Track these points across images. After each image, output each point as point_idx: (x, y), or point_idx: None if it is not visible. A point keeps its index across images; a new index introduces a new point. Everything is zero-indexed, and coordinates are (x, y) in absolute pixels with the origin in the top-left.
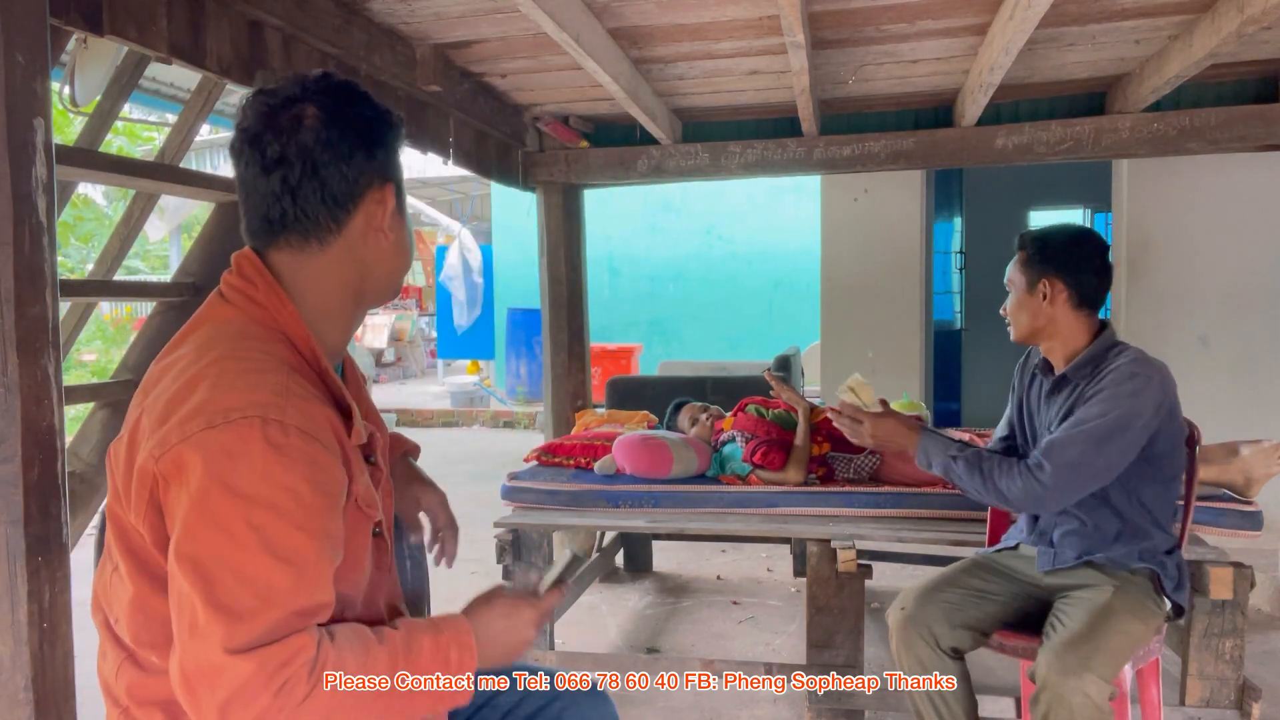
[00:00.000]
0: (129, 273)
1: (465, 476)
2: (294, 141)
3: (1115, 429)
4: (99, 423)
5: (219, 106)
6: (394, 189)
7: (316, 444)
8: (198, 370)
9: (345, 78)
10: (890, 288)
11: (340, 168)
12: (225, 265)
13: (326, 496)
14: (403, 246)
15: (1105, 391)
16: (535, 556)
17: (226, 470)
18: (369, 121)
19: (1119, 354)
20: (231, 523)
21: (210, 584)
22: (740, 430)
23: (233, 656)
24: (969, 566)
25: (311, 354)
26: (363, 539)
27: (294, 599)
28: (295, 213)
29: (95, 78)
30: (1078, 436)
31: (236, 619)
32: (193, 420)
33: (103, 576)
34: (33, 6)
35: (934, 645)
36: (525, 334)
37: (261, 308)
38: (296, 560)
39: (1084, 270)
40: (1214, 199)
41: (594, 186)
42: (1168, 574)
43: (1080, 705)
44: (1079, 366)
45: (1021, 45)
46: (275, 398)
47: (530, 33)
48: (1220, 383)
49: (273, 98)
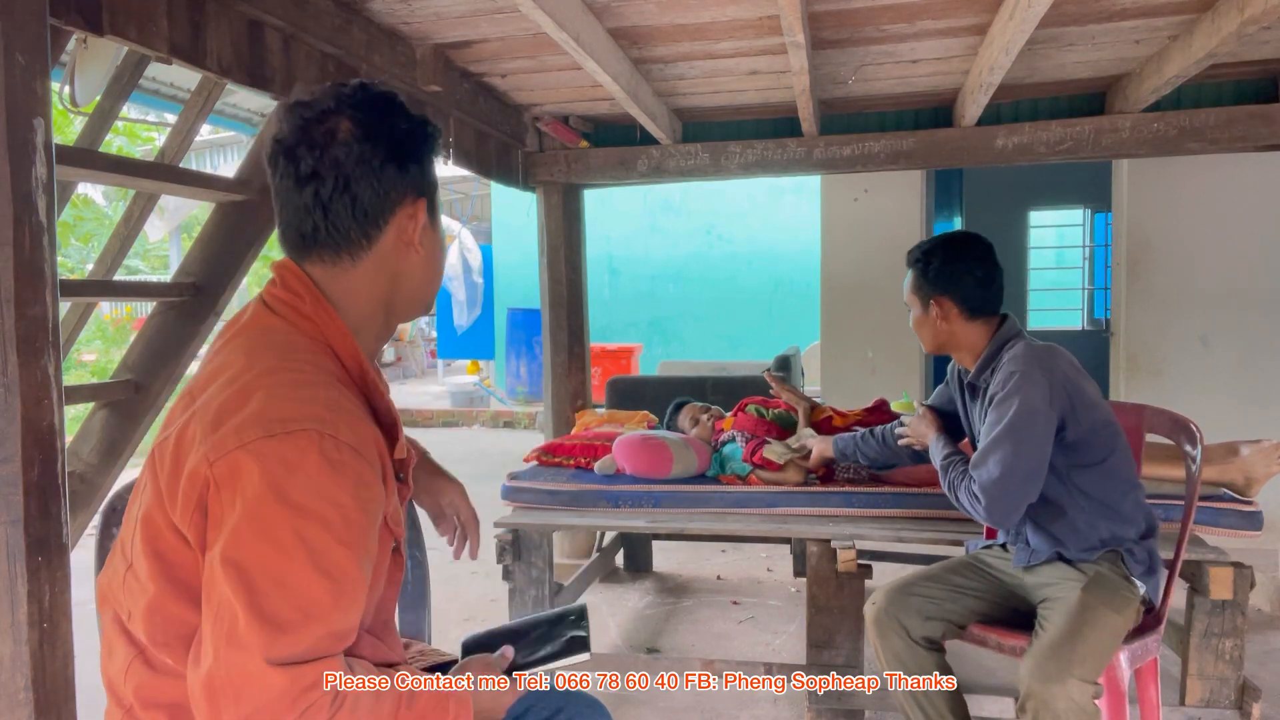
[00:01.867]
0: (129, 273)
1: (465, 476)
2: (327, 156)
3: (1017, 431)
4: (99, 423)
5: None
6: (426, 204)
7: (364, 462)
8: (250, 379)
9: (383, 88)
10: (890, 288)
11: (372, 183)
12: (225, 265)
13: (369, 515)
14: (434, 260)
15: (997, 397)
16: (535, 557)
17: (283, 480)
18: (404, 135)
19: (1008, 352)
20: (280, 533)
21: (253, 591)
22: (740, 430)
23: (271, 668)
24: (954, 564)
25: (358, 367)
26: (385, 556)
27: (332, 616)
28: (327, 227)
29: (95, 78)
30: (989, 449)
31: (278, 630)
32: (250, 428)
33: (112, 573)
34: (33, 6)
35: (905, 636)
36: (525, 334)
37: (309, 320)
38: (338, 575)
39: (965, 284)
40: (1214, 199)
41: (594, 186)
42: (1136, 558)
43: (1065, 710)
44: (979, 371)
45: (1021, 45)
46: (329, 413)
47: (530, 33)
48: (1220, 383)
49: (308, 110)
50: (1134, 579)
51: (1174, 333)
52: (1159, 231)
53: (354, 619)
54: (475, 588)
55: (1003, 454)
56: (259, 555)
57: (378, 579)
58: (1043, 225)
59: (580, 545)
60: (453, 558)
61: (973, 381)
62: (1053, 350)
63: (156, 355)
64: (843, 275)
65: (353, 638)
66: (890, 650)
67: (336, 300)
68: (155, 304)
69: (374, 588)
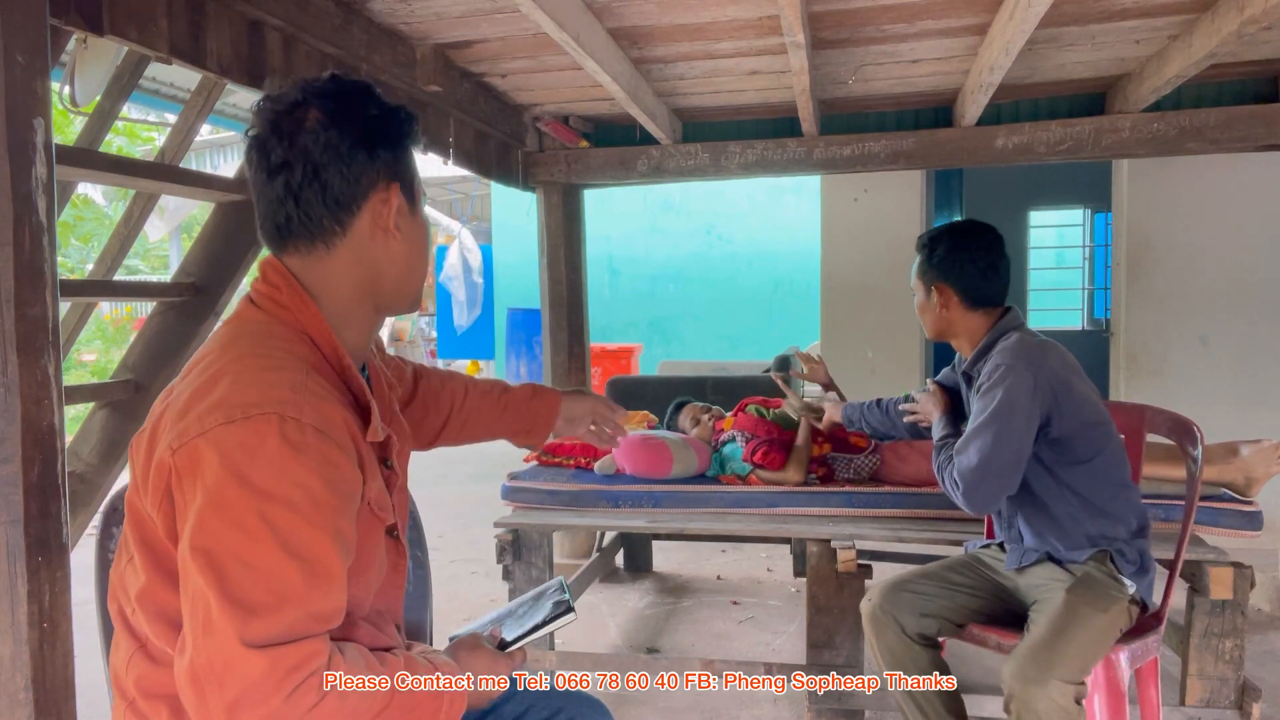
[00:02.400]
0: (129, 273)
1: (465, 476)
2: (295, 145)
3: (997, 421)
4: (99, 423)
5: (219, 106)
6: (400, 188)
7: (331, 443)
8: (220, 366)
9: (355, 79)
10: (890, 288)
11: (341, 169)
12: (225, 265)
13: (339, 496)
14: (415, 248)
15: (983, 388)
16: (535, 557)
17: (242, 465)
18: (373, 120)
19: (1002, 343)
20: (245, 517)
21: (223, 577)
22: (740, 430)
23: (247, 651)
24: (952, 563)
25: (333, 352)
26: (374, 541)
27: (308, 597)
28: (299, 216)
29: (95, 78)
30: (970, 437)
31: (251, 613)
32: (211, 415)
33: (119, 567)
34: (33, 6)
35: (900, 633)
36: (525, 334)
37: (286, 309)
38: (309, 556)
39: (968, 274)
40: (1214, 199)
41: (594, 186)
42: (1126, 558)
43: (1046, 710)
44: (973, 361)
45: (1021, 45)
46: (293, 395)
47: (530, 33)
48: (1220, 383)
49: (278, 103)
50: (1123, 578)
51: (1174, 333)
52: (1159, 231)
53: (335, 600)
54: (475, 588)
55: (981, 443)
56: (225, 541)
57: (371, 565)
58: (1043, 225)
59: (580, 545)
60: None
61: (966, 370)
62: (1045, 345)
63: (156, 355)
64: (843, 275)
65: (338, 619)
66: (885, 646)
67: (315, 290)
68: (155, 304)
69: (366, 572)
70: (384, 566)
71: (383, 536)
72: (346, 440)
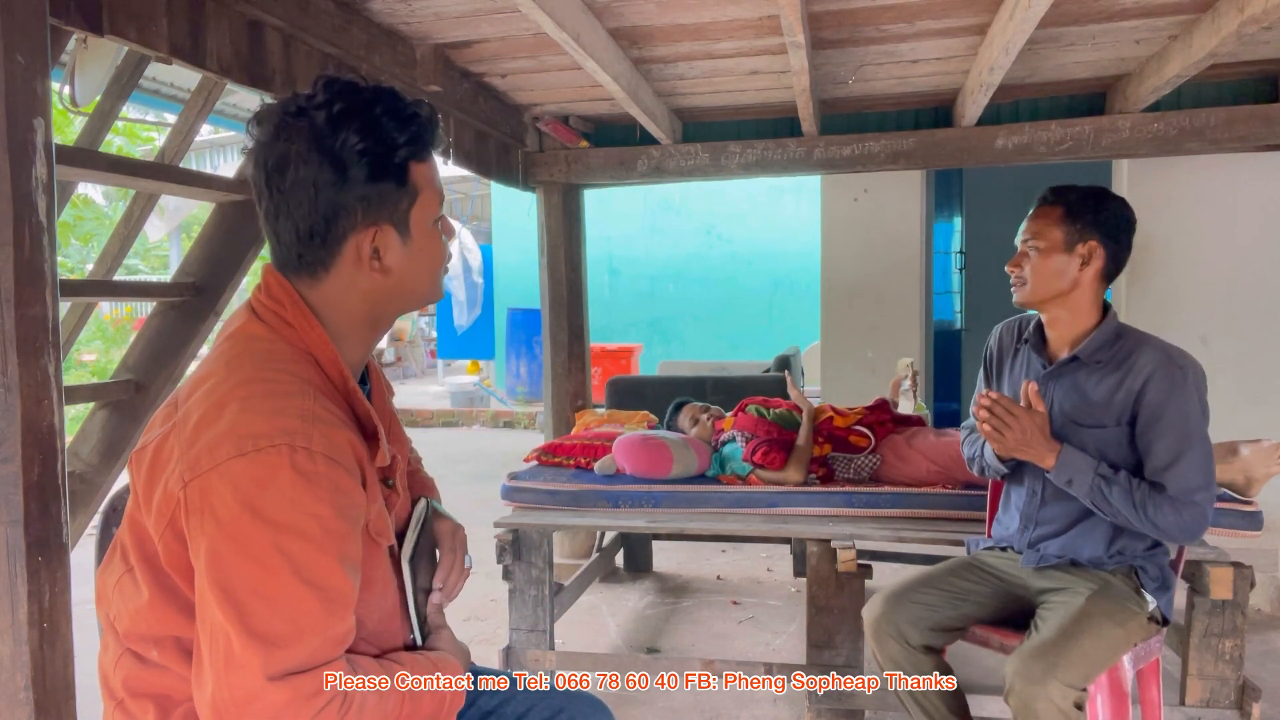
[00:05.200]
0: (129, 273)
1: (465, 476)
2: (272, 181)
3: (1201, 434)
4: (99, 423)
5: (219, 106)
6: (394, 224)
7: (341, 469)
8: (225, 391)
9: (340, 106)
10: (890, 288)
11: (309, 209)
12: (225, 265)
13: (349, 522)
14: (413, 275)
15: (1163, 389)
16: (535, 557)
17: (256, 499)
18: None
19: (1141, 343)
20: (261, 550)
21: (243, 612)
22: (741, 430)
23: (270, 683)
24: (954, 566)
25: (340, 376)
26: (376, 560)
27: (326, 624)
28: (279, 245)
29: (95, 78)
30: (1177, 455)
31: (273, 645)
32: (222, 446)
33: (109, 574)
34: (33, 6)
35: (904, 644)
36: (525, 334)
37: (291, 328)
38: (324, 584)
39: (1123, 243)
40: (1214, 199)
41: (594, 186)
42: (1149, 574)
43: (1044, 711)
44: (1095, 351)
45: (1021, 45)
46: (302, 424)
47: (530, 33)
48: (1220, 383)
49: (261, 131)
50: (1146, 593)
51: (1174, 333)
52: (1159, 231)
53: (349, 621)
54: (475, 588)
55: (1197, 457)
56: (243, 575)
57: (372, 585)
58: None
59: (580, 545)
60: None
61: (1077, 358)
62: None
63: (156, 355)
64: (842, 275)
65: (351, 638)
66: (888, 656)
67: (317, 308)
68: (155, 304)
69: (370, 594)
70: (388, 583)
71: (385, 555)
72: (354, 465)
